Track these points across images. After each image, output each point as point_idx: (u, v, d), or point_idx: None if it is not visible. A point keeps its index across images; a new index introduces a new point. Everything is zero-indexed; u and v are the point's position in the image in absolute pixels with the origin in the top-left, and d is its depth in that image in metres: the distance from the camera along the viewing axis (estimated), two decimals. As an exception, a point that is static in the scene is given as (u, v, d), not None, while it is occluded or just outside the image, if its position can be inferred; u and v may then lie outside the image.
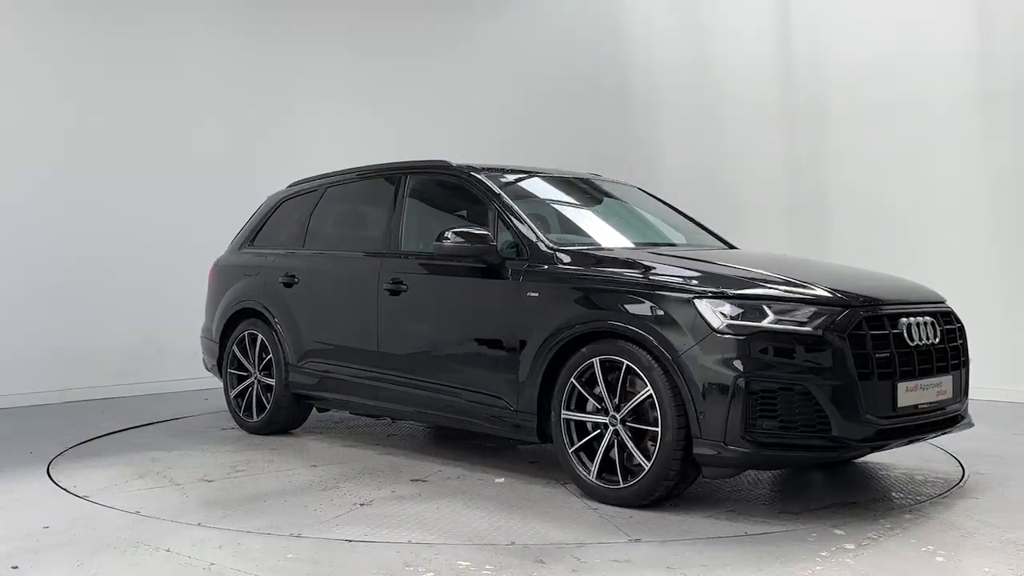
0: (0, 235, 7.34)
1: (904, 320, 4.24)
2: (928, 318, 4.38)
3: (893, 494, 4.59)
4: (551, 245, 4.74)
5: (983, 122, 7.78)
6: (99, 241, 7.78)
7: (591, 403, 4.39)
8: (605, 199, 5.84)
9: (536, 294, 4.62)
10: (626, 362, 4.23)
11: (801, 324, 4.00)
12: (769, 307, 4.05)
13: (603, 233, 5.36)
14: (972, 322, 5.38)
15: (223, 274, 6.63)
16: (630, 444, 4.22)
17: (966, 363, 4.63)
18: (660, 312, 4.15)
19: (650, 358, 4.15)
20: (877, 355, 4.06)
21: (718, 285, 4.17)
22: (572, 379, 4.42)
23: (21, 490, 4.75)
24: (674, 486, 4.17)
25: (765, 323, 4.00)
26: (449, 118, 9.56)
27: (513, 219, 4.91)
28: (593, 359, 4.35)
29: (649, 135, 9.92)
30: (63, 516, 4.23)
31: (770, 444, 3.94)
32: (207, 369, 6.81)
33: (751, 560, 3.56)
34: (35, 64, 7.54)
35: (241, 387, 6.28)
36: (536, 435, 4.63)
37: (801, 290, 4.17)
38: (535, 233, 4.81)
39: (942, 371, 4.37)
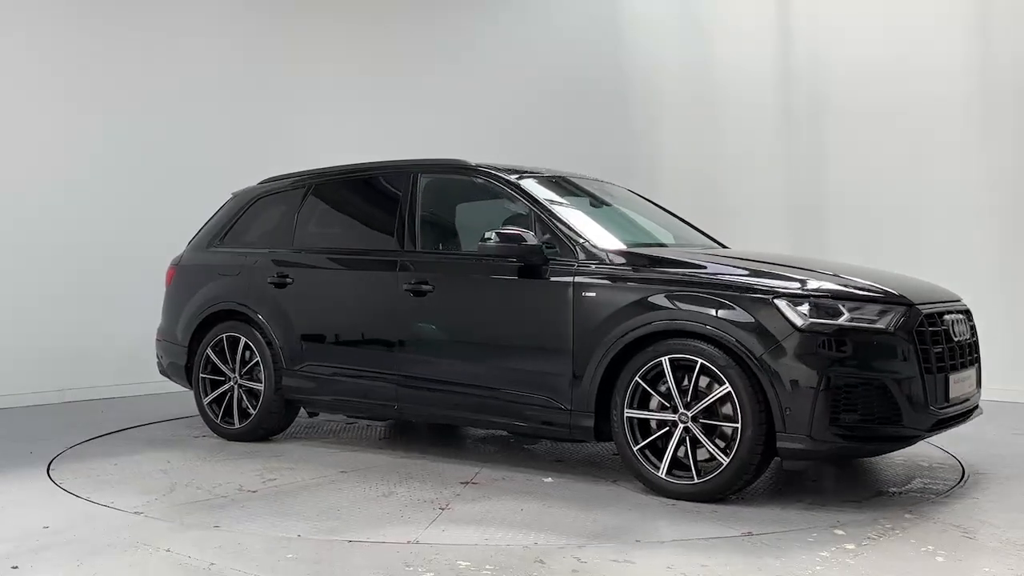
0: (0, 235, 7.34)
1: (947, 317, 4.57)
2: (961, 315, 4.74)
3: (893, 494, 4.59)
4: (600, 246, 4.80)
5: (983, 122, 7.78)
6: (99, 241, 7.78)
7: (654, 401, 4.47)
8: (593, 198, 5.78)
9: (593, 294, 4.65)
10: (700, 361, 4.30)
11: (872, 322, 4.24)
12: (844, 306, 4.24)
13: (597, 232, 5.19)
14: (972, 322, 5.41)
15: (189, 274, 6.35)
16: (706, 441, 4.33)
17: (980, 356, 4.95)
18: (740, 311, 4.27)
19: (726, 356, 4.25)
20: (934, 350, 4.35)
21: (794, 284, 4.32)
22: (637, 378, 4.46)
23: (21, 490, 4.75)
24: (751, 479, 4.33)
25: (841, 321, 4.20)
26: (445, 117, 9.55)
27: (555, 221, 4.94)
28: (662, 358, 4.40)
29: (649, 135, 9.91)
30: (63, 516, 4.23)
31: (852, 436, 4.16)
32: (163, 373, 6.53)
33: (751, 560, 3.56)
34: (36, 67, 7.55)
35: (217, 393, 6.00)
36: (593, 434, 4.65)
37: (867, 290, 4.38)
38: (581, 235, 4.86)
39: (971, 364, 4.74)
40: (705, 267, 4.57)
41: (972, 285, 6.43)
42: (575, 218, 5.06)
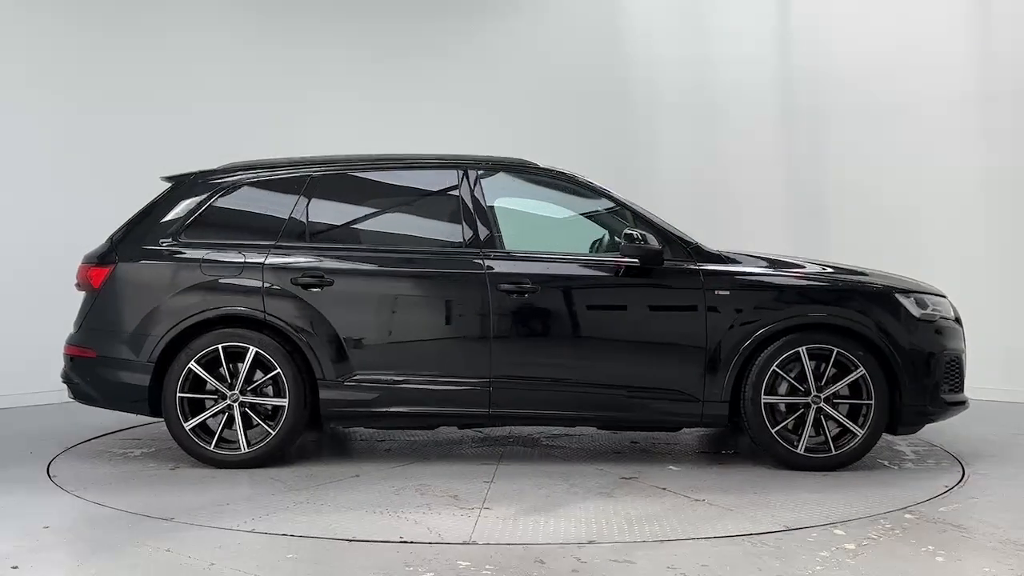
0: (1, 235, 7.34)
1: None
2: None
3: (893, 494, 4.59)
4: (709, 247, 5.20)
5: (983, 122, 7.78)
6: (99, 241, 7.77)
7: (783, 386, 5.03)
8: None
9: (727, 292, 5.07)
10: (836, 349, 4.98)
11: (940, 310, 5.19)
12: (926, 299, 5.16)
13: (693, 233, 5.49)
14: (970, 322, 5.45)
15: (140, 274, 5.41)
16: (841, 417, 5.01)
17: None
18: (867, 305, 5.04)
19: (859, 344, 4.98)
20: None
21: (897, 283, 5.20)
22: (774, 367, 4.99)
23: (21, 490, 4.74)
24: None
25: (930, 311, 5.12)
26: (442, 116, 9.52)
27: (664, 225, 5.25)
28: (799, 348, 4.99)
29: (649, 135, 9.92)
30: (63, 516, 4.24)
31: (948, 403, 5.12)
32: (81, 397, 5.42)
33: (751, 560, 3.56)
34: (37, 67, 7.56)
35: (208, 414, 5.15)
36: (726, 420, 5.11)
37: (921, 284, 5.32)
38: (692, 237, 5.22)
39: None
40: (827, 268, 5.29)
41: (972, 284, 6.45)
42: (669, 220, 5.36)
